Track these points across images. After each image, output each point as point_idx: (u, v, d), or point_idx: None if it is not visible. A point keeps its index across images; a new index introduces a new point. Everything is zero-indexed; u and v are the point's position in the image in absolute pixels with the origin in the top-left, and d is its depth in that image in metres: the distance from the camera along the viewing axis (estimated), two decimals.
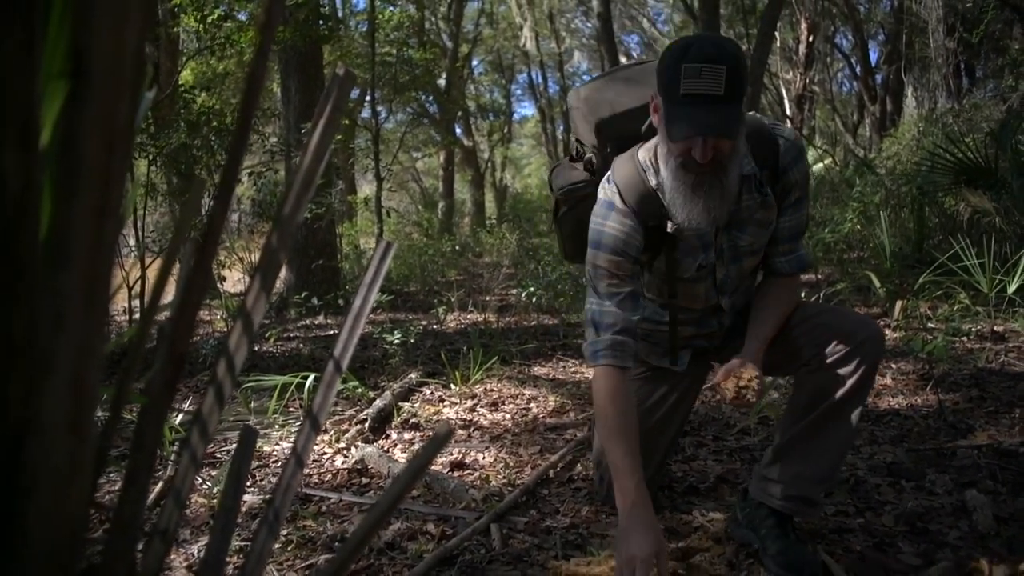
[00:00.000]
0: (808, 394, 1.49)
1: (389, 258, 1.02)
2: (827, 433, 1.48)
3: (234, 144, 0.62)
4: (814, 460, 1.49)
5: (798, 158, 1.53)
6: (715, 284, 1.61)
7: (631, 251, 1.50)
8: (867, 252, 5.67)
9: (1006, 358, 2.94)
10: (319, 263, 5.56)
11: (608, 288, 1.51)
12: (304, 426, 0.87)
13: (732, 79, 1.29)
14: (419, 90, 9.73)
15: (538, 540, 1.66)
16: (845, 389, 1.45)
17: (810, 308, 1.60)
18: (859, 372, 1.44)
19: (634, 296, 1.52)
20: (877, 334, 1.48)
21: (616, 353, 1.49)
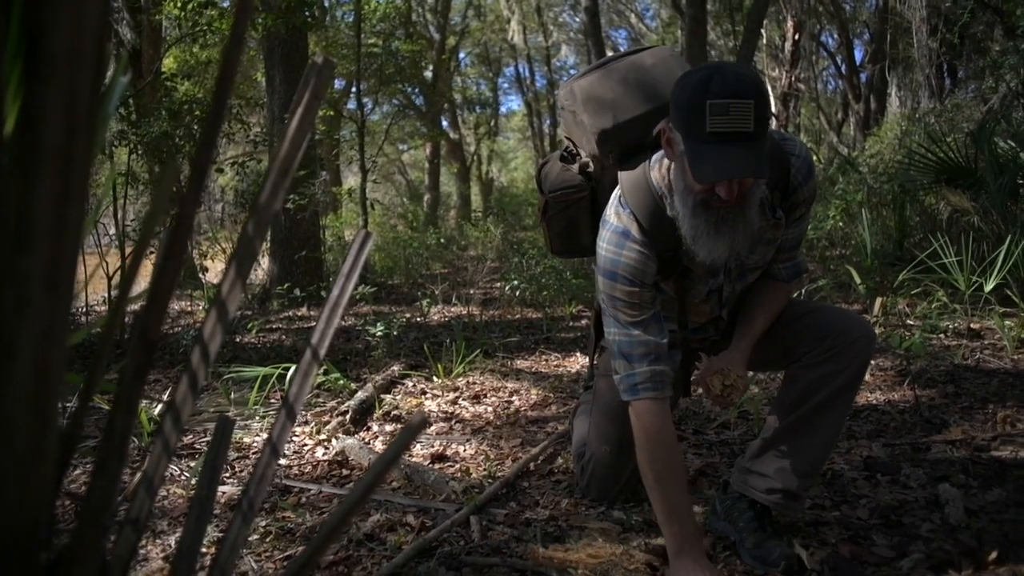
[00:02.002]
0: (799, 390, 1.50)
1: (368, 248, 1.01)
2: (815, 429, 1.49)
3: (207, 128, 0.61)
4: (800, 455, 1.51)
5: (808, 176, 1.48)
6: (720, 301, 1.61)
7: (648, 280, 1.45)
8: (849, 249, 5.72)
9: (981, 355, 2.99)
10: (302, 254, 5.53)
11: (630, 317, 1.46)
12: (280, 415, 0.87)
13: (760, 113, 1.22)
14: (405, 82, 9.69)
15: (517, 532, 1.66)
16: (835, 386, 1.46)
17: (804, 305, 1.61)
18: (849, 369, 1.46)
19: (657, 318, 1.47)
20: (869, 333, 1.49)
21: (656, 385, 1.44)
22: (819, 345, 1.48)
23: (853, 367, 1.46)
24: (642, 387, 1.44)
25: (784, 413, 1.53)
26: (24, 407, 0.38)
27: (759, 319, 1.57)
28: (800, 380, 1.50)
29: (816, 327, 1.51)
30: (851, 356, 1.46)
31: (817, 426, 1.49)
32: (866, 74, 14.63)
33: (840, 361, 1.46)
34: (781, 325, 1.58)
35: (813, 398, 1.48)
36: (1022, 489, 1.76)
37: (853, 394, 1.51)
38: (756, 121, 1.21)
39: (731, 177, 1.24)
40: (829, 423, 1.49)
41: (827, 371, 1.46)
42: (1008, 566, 1.39)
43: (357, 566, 1.54)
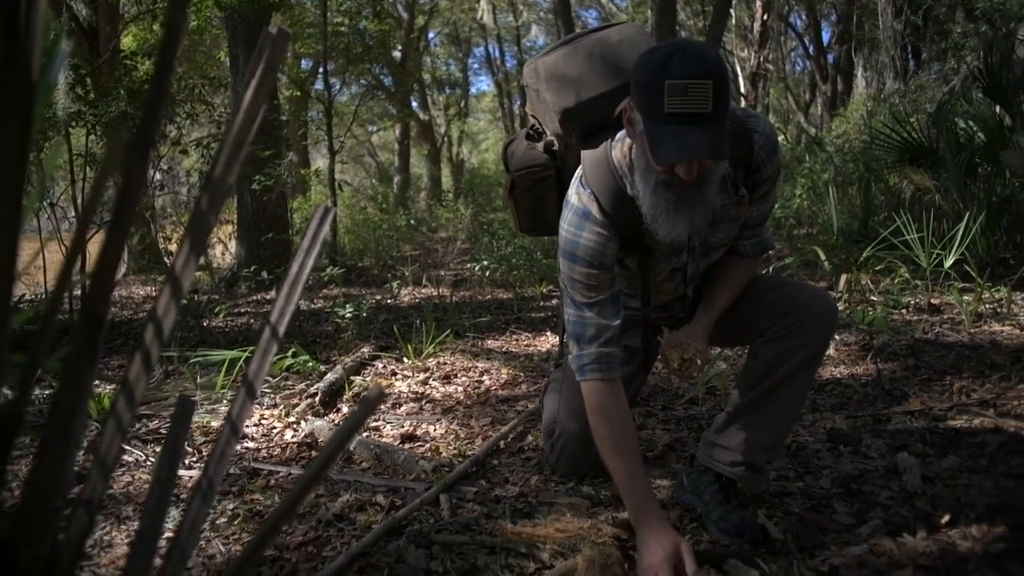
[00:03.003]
0: (762, 364, 1.52)
1: (327, 224, 0.99)
2: (777, 402, 1.52)
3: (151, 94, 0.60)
4: (763, 428, 1.53)
5: (772, 153, 1.48)
6: (685, 279, 1.62)
7: (608, 261, 1.45)
8: (816, 228, 5.80)
9: (940, 329, 3.06)
10: (269, 237, 5.45)
11: (586, 298, 1.47)
12: (240, 394, 0.85)
13: (719, 93, 1.21)
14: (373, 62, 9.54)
15: (487, 509, 1.67)
16: (797, 360, 1.48)
17: (768, 281, 1.63)
18: (811, 344, 1.48)
19: (614, 300, 1.48)
20: (831, 308, 1.51)
21: (603, 366, 1.45)
22: (782, 320, 1.50)
23: (815, 342, 1.48)
24: (589, 368, 1.46)
25: (748, 388, 1.55)
26: None
27: (722, 295, 1.59)
28: (763, 355, 1.52)
29: (779, 302, 1.52)
30: (813, 331, 1.48)
31: (780, 400, 1.51)
32: (833, 55, 14.79)
33: (802, 336, 1.48)
34: (745, 301, 1.59)
35: (776, 373, 1.50)
36: (975, 456, 1.81)
37: (815, 368, 1.53)
38: (715, 102, 1.21)
39: (689, 159, 1.24)
40: (791, 397, 1.51)
41: (789, 346, 1.48)
42: (959, 528, 1.43)
43: (326, 546, 1.54)
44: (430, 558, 1.45)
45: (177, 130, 4.76)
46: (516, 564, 1.41)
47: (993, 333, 2.94)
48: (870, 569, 1.32)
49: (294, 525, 1.64)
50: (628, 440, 1.44)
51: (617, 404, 1.46)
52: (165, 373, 3.09)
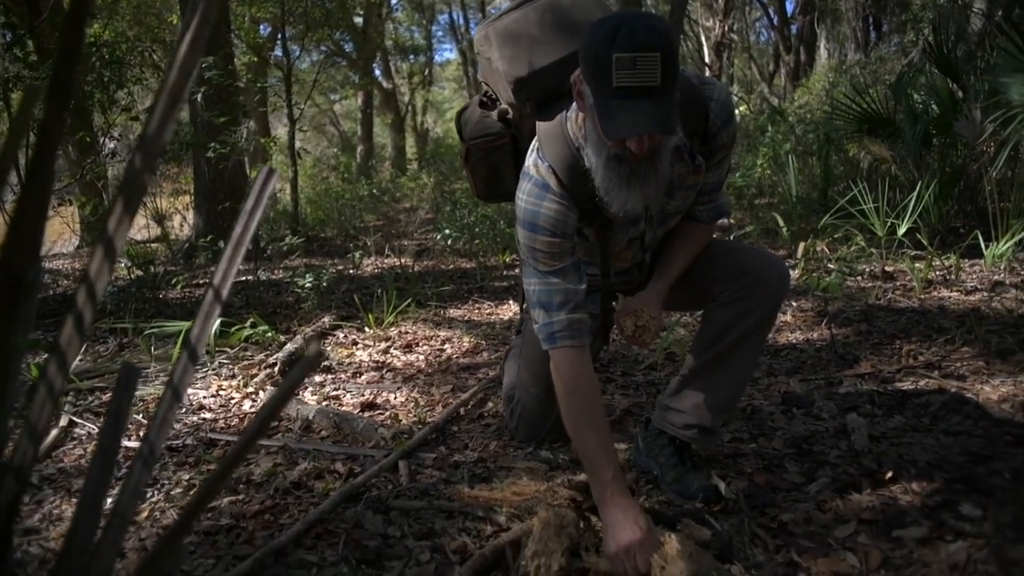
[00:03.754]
0: (715, 328, 1.54)
1: (271, 185, 0.97)
2: (729, 366, 1.54)
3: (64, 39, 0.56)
4: (715, 390, 1.55)
5: (728, 121, 1.47)
6: (643, 246, 1.62)
7: (569, 231, 1.44)
8: (776, 197, 5.88)
9: (893, 295, 3.14)
10: (227, 206, 5.32)
11: (548, 267, 1.45)
12: (181, 358, 0.83)
13: (667, 66, 1.18)
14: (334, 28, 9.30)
15: (446, 474, 1.67)
16: (748, 324, 1.50)
17: (721, 246, 1.63)
18: (762, 308, 1.49)
19: (576, 266, 1.47)
20: (783, 273, 1.52)
21: (573, 332, 1.43)
22: (734, 284, 1.51)
23: (766, 305, 1.50)
24: (560, 335, 1.43)
25: (700, 352, 1.57)
26: None
27: (677, 261, 1.60)
28: (715, 319, 1.54)
29: (732, 267, 1.54)
30: (764, 295, 1.49)
31: (731, 363, 1.54)
32: (797, 26, 14.85)
33: (753, 300, 1.50)
34: (699, 266, 1.60)
35: (727, 336, 1.52)
36: (919, 415, 1.88)
37: (766, 332, 1.55)
38: (663, 75, 1.18)
39: (637, 134, 1.23)
40: (743, 359, 1.54)
41: (741, 309, 1.50)
42: (901, 483, 1.49)
43: (284, 514, 1.53)
44: (388, 523, 1.45)
45: (129, 95, 4.60)
46: (473, 527, 1.42)
47: (941, 299, 3.03)
48: (817, 524, 1.36)
49: (251, 494, 1.63)
50: (599, 413, 1.41)
51: (589, 375, 1.44)
52: (120, 345, 3.02)
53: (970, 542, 1.25)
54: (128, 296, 3.59)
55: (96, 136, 4.73)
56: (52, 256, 6.55)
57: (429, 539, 1.39)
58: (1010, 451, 1.61)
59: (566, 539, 1.26)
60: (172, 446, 1.93)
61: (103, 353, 2.92)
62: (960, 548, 1.24)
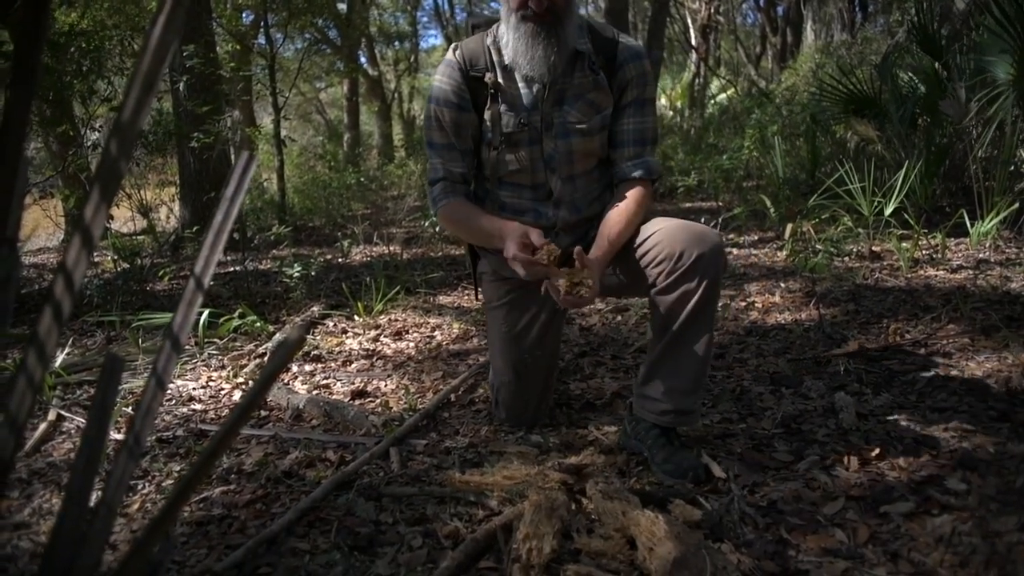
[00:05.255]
0: (660, 316, 1.55)
1: (251, 171, 0.96)
2: (686, 346, 1.54)
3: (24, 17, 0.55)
4: (680, 374, 1.56)
5: (637, 57, 1.66)
6: (542, 155, 1.67)
7: (452, 98, 1.65)
8: (764, 179, 5.89)
9: (880, 275, 3.16)
10: (213, 196, 5.28)
11: (438, 139, 1.68)
12: (164, 346, 0.82)
13: None
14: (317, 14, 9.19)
15: (437, 460, 1.68)
16: (691, 306, 1.50)
17: (651, 225, 1.62)
18: (702, 287, 1.49)
19: (463, 153, 1.69)
20: (715, 243, 1.50)
21: (447, 193, 1.70)
22: (667, 266, 1.51)
23: (705, 282, 1.49)
24: (438, 199, 1.71)
25: (656, 338, 1.59)
26: None
27: (615, 226, 1.60)
28: (660, 305, 1.55)
29: (664, 248, 1.53)
30: (701, 271, 1.49)
31: (687, 343, 1.54)
32: (783, 7, 14.83)
33: (691, 278, 1.49)
34: (631, 250, 1.60)
35: (676, 320, 1.52)
36: (905, 393, 1.89)
37: (714, 305, 1.54)
38: None
39: None
40: (698, 338, 1.54)
41: (681, 292, 1.50)
42: (888, 460, 1.50)
43: (276, 503, 1.53)
44: (380, 510, 1.45)
45: (109, 86, 4.53)
46: (465, 512, 1.43)
47: (928, 278, 3.05)
48: (806, 502, 1.38)
49: (242, 483, 1.62)
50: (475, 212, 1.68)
51: (464, 205, 1.70)
52: (107, 338, 3.00)
53: (955, 515, 1.27)
54: (115, 289, 3.56)
55: (78, 128, 4.66)
56: (37, 251, 6.48)
57: (421, 524, 1.39)
58: (994, 426, 1.63)
59: (557, 522, 1.27)
60: (162, 438, 1.92)
61: (90, 347, 2.90)
62: (946, 521, 1.25)
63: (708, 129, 9.23)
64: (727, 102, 10.81)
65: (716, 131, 8.94)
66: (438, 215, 1.73)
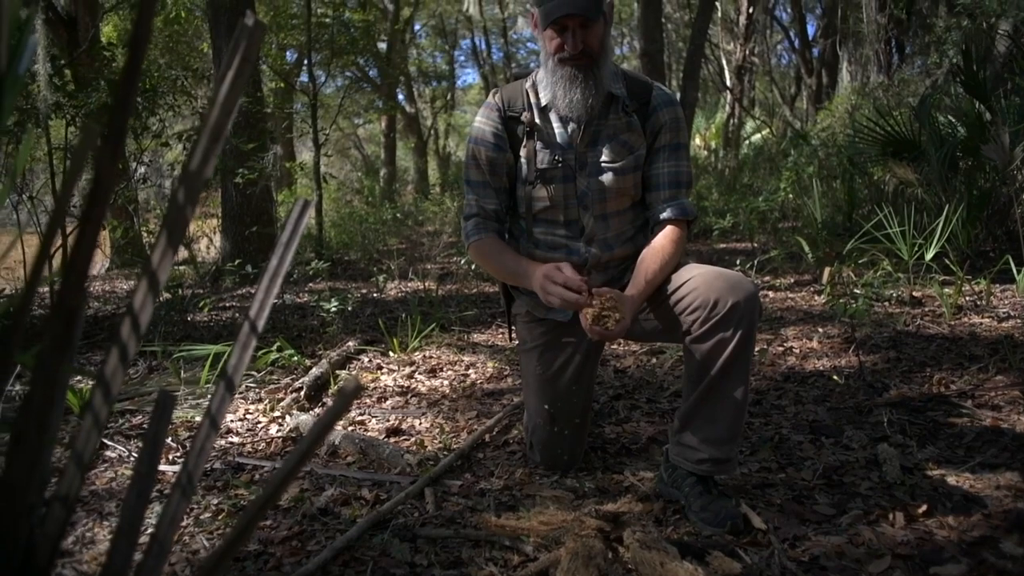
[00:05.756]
0: (695, 364, 1.54)
1: (307, 216, 0.99)
2: (722, 396, 1.53)
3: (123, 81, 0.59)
4: (715, 424, 1.54)
5: (670, 103, 1.71)
6: (576, 193, 1.70)
7: (490, 138, 1.73)
8: (800, 221, 5.84)
9: (921, 321, 3.09)
10: (254, 230, 5.40)
11: (475, 176, 1.76)
12: (219, 388, 0.85)
13: None
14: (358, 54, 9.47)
15: (472, 502, 1.67)
16: (727, 354, 1.49)
17: (686, 271, 1.62)
18: (737, 336, 1.48)
19: (496, 191, 1.75)
20: (750, 292, 1.50)
21: (480, 228, 1.75)
22: (702, 314, 1.50)
23: (740, 331, 1.48)
24: (470, 234, 1.77)
25: (691, 387, 1.57)
26: None
27: (649, 260, 1.62)
28: (695, 353, 1.54)
29: (699, 296, 1.52)
30: (736, 320, 1.48)
31: (723, 393, 1.53)
32: (818, 48, 14.85)
33: (726, 328, 1.48)
34: (666, 294, 1.60)
35: (711, 369, 1.51)
36: (952, 446, 1.84)
37: (750, 354, 1.53)
38: None
39: (563, 13, 1.54)
40: (733, 388, 1.52)
41: (716, 341, 1.49)
42: (936, 518, 1.46)
43: (311, 540, 1.53)
44: (415, 551, 1.45)
45: (160, 123, 4.71)
46: (500, 557, 1.42)
47: (973, 325, 2.98)
48: (849, 558, 1.34)
49: (278, 520, 1.63)
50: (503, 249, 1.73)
51: (495, 244, 1.75)
52: (149, 368, 3.07)
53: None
54: (157, 319, 3.65)
55: (127, 161, 4.84)
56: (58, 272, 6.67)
57: (456, 568, 1.38)
58: None
59: (594, 570, 1.25)
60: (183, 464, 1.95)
61: (133, 376, 2.96)
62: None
63: (743, 170, 9.22)
64: (762, 143, 10.80)
65: (751, 172, 8.92)
66: (469, 249, 1.79)
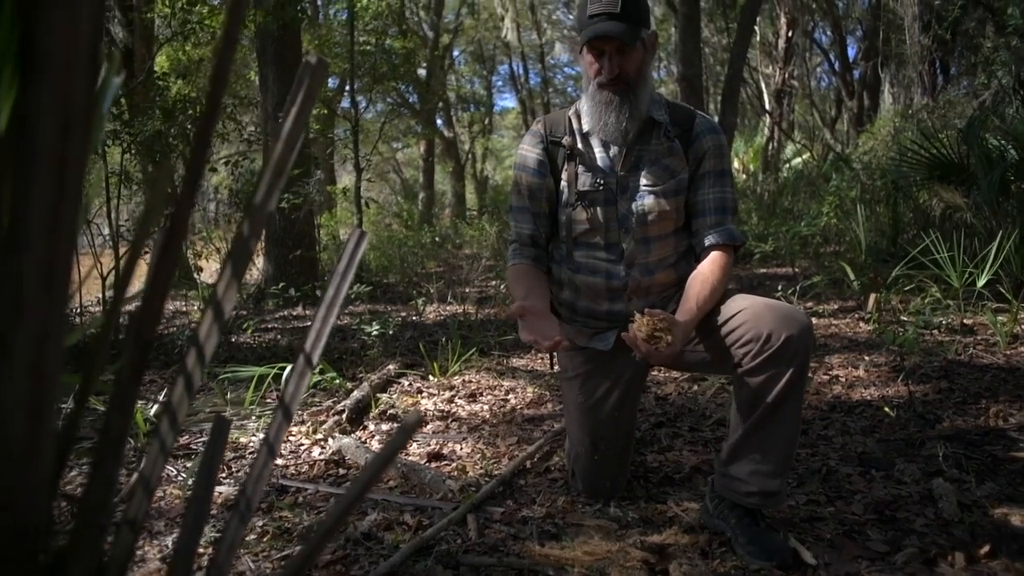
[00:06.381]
0: (746, 396, 1.51)
1: (363, 247, 1.01)
2: (773, 430, 1.50)
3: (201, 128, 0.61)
4: (765, 456, 1.51)
5: (713, 131, 1.72)
6: (616, 217, 1.71)
7: (532, 164, 1.78)
8: (843, 246, 5.73)
9: (974, 350, 3.00)
10: (297, 254, 5.51)
11: (516, 202, 1.82)
12: (276, 416, 0.87)
13: (627, 2, 1.58)
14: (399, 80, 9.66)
15: (514, 530, 1.66)
16: (779, 388, 1.46)
17: (736, 302, 1.59)
18: (790, 370, 1.45)
19: (534, 216, 1.80)
20: (803, 326, 1.46)
21: (516, 254, 1.81)
22: (755, 347, 1.47)
23: (794, 365, 1.45)
24: (511, 258, 1.83)
25: (741, 419, 1.54)
26: (21, 408, 0.38)
27: (698, 286, 1.60)
28: (746, 386, 1.51)
29: (749, 328, 1.49)
30: (789, 355, 1.45)
31: (774, 428, 1.50)
32: (859, 71, 14.67)
33: (779, 362, 1.45)
34: (716, 326, 1.58)
35: (762, 402, 1.48)
36: (1015, 483, 1.77)
37: (802, 388, 1.50)
38: (622, 6, 1.58)
39: (597, 35, 1.58)
40: (784, 422, 1.49)
41: (769, 375, 1.46)
42: (1001, 560, 1.40)
43: (354, 565, 1.54)
44: None
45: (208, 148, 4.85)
46: None
47: None
48: None
49: None
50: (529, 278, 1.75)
51: (527, 267, 1.79)
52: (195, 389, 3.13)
53: None
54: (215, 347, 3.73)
55: (176, 187, 4.99)
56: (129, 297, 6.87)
57: None
58: None
59: None
60: (244, 491, 1.98)
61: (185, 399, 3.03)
62: None
63: (783, 194, 9.11)
64: (802, 166, 10.66)
65: (791, 196, 8.81)
66: (509, 269, 1.87)
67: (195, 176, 0.61)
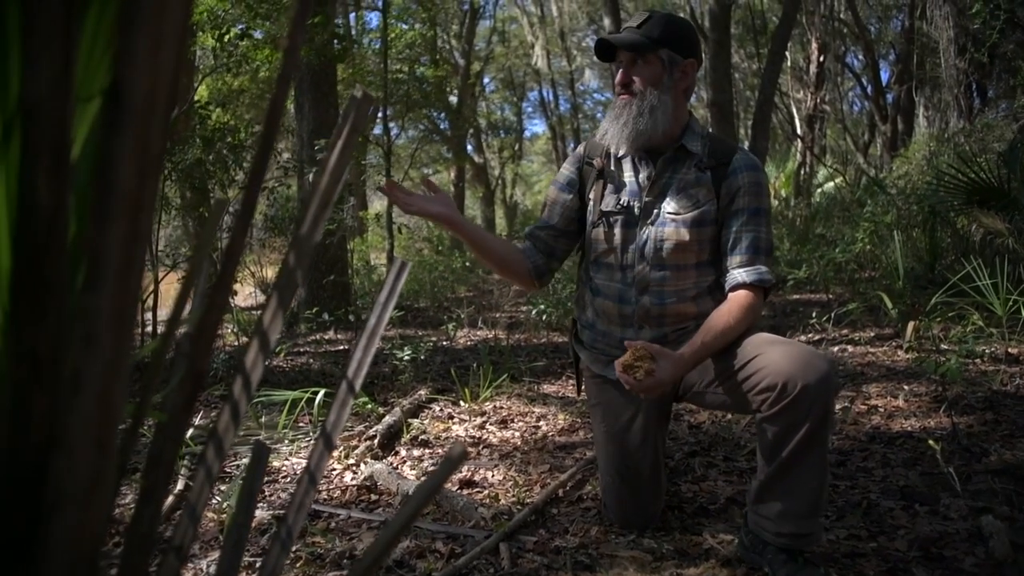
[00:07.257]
0: (770, 441, 1.48)
1: (404, 277, 1.02)
2: (799, 475, 1.46)
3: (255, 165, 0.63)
4: (794, 498, 1.48)
5: (752, 168, 1.69)
6: (635, 240, 1.70)
7: (563, 180, 1.86)
8: (879, 272, 5.63)
9: (1021, 380, 2.91)
10: (330, 279, 5.58)
11: (544, 212, 1.88)
12: (317, 444, 0.88)
13: (650, 22, 1.65)
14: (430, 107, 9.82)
15: (547, 560, 1.65)
16: (799, 438, 1.42)
17: (754, 345, 1.55)
18: (812, 417, 1.41)
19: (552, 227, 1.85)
20: (823, 373, 1.41)
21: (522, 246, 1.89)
22: (771, 396, 1.44)
23: (815, 413, 1.41)
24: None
25: (766, 461, 1.50)
26: (88, 439, 0.39)
27: (713, 323, 1.58)
28: (768, 431, 1.47)
29: (767, 375, 1.46)
30: (807, 406, 1.40)
31: (800, 472, 1.46)
32: (892, 95, 14.52)
33: (799, 410, 1.41)
34: (734, 369, 1.55)
35: (786, 448, 1.44)
36: None
37: (825, 438, 1.45)
38: (644, 22, 1.66)
39: (604, 39, 1.67)
40: (810, 467, 1.46)
41: (789, 422, 1.43)
42: None
43: None
44: None
45: (243, 174, 4.97)
46: None
47: None
48: None
49: None
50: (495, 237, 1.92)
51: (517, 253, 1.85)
52: None
53: None
54: (238, 363, 3.79)
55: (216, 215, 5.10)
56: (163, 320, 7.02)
57: None
58: None
59: None
60: (277, 516, 1.99)
61: (215, 419, 3.07)
62: None
63: (815, 219, 9.01)
64: (835, 191, 10.55)
65: (824, 221, 8.70)
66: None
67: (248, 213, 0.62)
